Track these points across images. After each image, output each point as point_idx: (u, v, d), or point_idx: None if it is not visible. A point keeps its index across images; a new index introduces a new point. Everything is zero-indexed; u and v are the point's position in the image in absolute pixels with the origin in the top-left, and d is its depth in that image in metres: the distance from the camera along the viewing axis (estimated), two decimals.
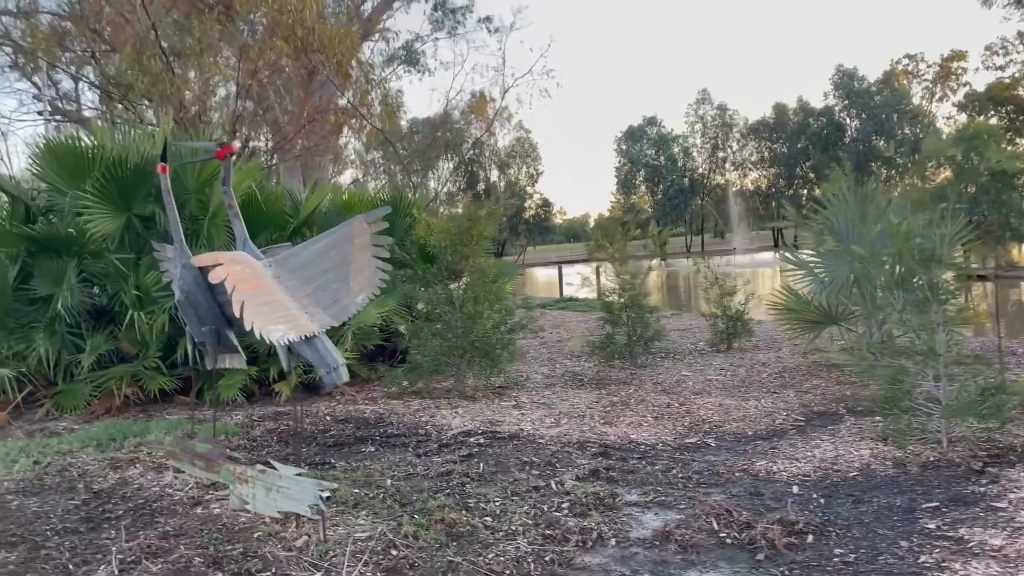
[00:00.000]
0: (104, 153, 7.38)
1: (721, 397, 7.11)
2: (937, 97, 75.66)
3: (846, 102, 75.47)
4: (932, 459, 4.80)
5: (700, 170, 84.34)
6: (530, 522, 3.98)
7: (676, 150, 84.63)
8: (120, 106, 11.94)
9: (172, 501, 4.57)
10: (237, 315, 3.57)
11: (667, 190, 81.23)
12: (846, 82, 75.17)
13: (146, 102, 11.59)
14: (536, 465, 5.07)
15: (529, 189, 79.98)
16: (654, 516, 4.10)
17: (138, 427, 6.46)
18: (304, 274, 3.96)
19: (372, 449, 5.67)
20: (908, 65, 75.72)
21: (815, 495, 4.30)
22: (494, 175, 78.00)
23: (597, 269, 9.09)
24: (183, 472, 4.92)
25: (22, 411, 7.35)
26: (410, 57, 26.10)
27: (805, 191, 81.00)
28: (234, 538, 3.88)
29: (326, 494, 3.67)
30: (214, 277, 3.69)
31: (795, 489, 4.43)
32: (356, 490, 4.46)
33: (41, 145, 7.58)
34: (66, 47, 14.33)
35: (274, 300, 3.69)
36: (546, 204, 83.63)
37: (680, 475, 4.79)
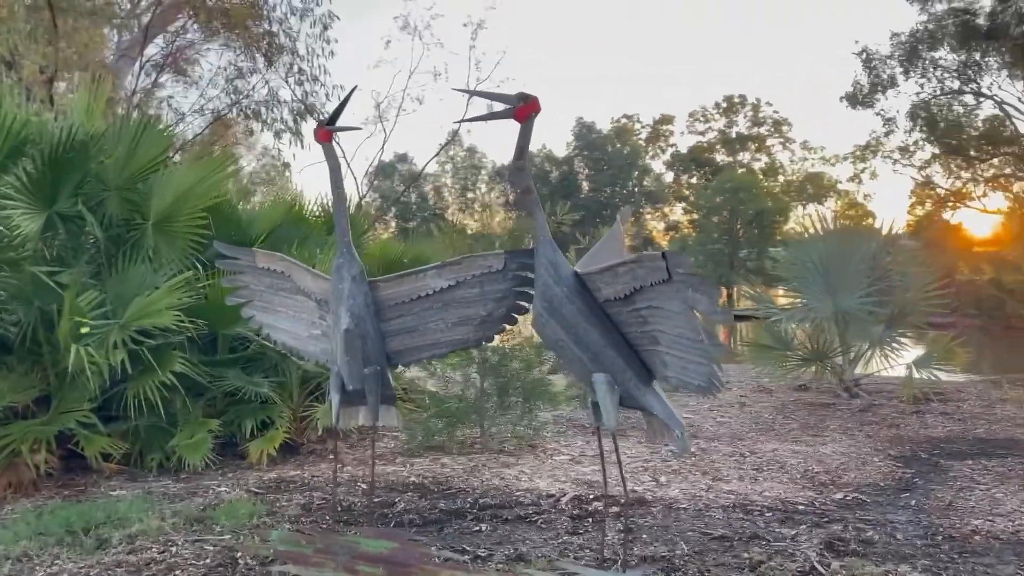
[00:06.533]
0: (14, 128, 5.32)
1: (776, 443, 6.50)
2: (650, 156, 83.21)
3: (585, 154, 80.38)
4: None
5: (451, 209, 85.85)
6: None
7: (427, 188, 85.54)
8: None
9: None
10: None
11: (418, 227, 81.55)
12: (584, 134, 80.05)
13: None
14: (733, 540, 4.08)
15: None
16: None
17: (97, 510, 4.54)
18: None
19: (487, 527, 4.33)
20: (626, 123, 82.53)
21: None
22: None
23: None
24: None
25: None
26: None
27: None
28: None
29: None
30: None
31: None
32: None
33: None
34: None
35: None
36: None
37: (920, 542, 4.04)
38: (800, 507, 4.71)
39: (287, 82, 14.16)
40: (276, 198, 9.60)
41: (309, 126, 14.76)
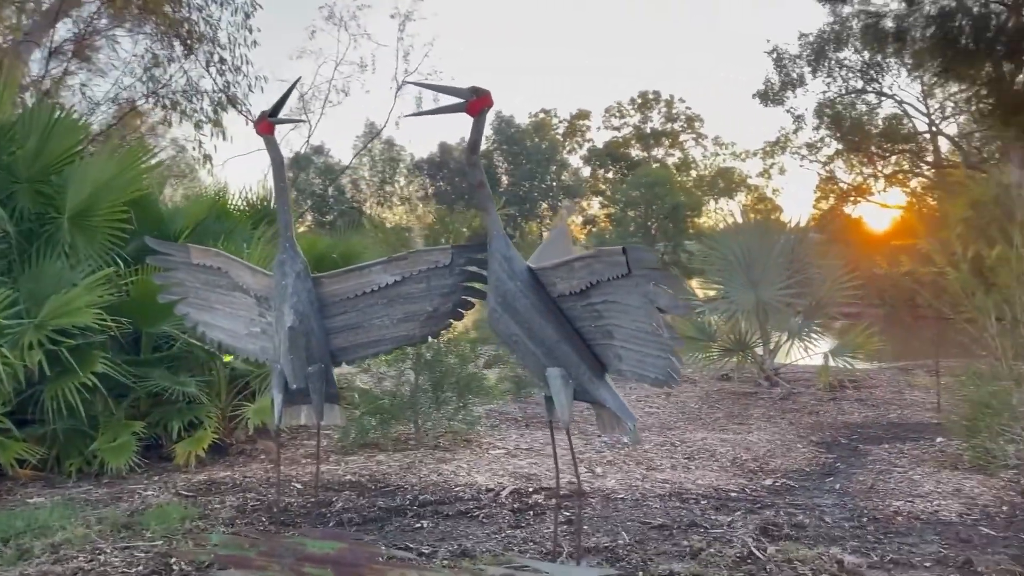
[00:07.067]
0: None
1: (704, 432, 6.66)
2: (567, 150, 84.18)
3: (504, 148, 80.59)
4: None
5: (368, 203, 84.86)
6: None
7: (345, 181, 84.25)
8: None
9: None
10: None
11: (335, 221, 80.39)
12: (504, 128, 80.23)
13: None
14: (672, 528, 4.17)
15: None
16: None
17: (15, 519, 4.32)
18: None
19: (428, 524, 4.30)
20: (544, 118, 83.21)
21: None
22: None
23: None
24: None
25: None
26: None
27: (465, 229, 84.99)
28: None
29: None
30: None
31: (984, 530, 4.11)
32: None
33: None
34: None
35: None
36: None
37: (847, 524, 4.22)
38: (733, 494, 4.85)
39: (208, 71, 13.69)
40: (193, 191, 9.29)
41: (231, 117, 14.35)
